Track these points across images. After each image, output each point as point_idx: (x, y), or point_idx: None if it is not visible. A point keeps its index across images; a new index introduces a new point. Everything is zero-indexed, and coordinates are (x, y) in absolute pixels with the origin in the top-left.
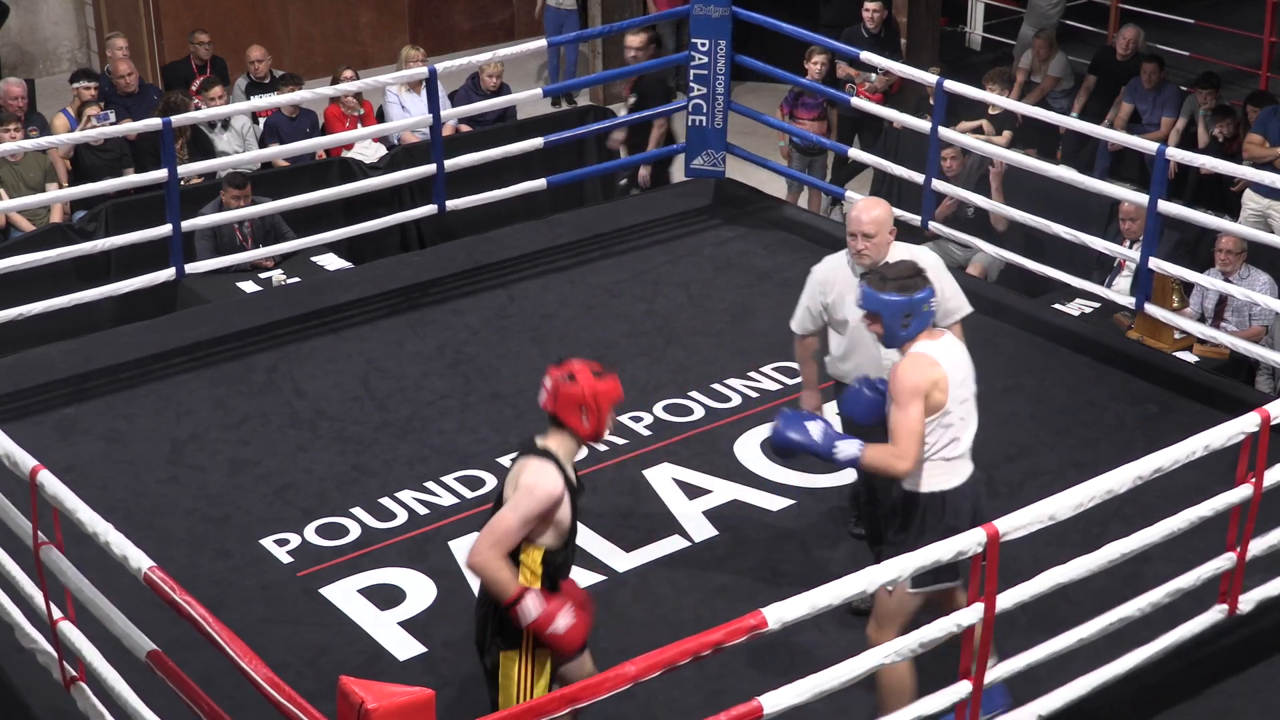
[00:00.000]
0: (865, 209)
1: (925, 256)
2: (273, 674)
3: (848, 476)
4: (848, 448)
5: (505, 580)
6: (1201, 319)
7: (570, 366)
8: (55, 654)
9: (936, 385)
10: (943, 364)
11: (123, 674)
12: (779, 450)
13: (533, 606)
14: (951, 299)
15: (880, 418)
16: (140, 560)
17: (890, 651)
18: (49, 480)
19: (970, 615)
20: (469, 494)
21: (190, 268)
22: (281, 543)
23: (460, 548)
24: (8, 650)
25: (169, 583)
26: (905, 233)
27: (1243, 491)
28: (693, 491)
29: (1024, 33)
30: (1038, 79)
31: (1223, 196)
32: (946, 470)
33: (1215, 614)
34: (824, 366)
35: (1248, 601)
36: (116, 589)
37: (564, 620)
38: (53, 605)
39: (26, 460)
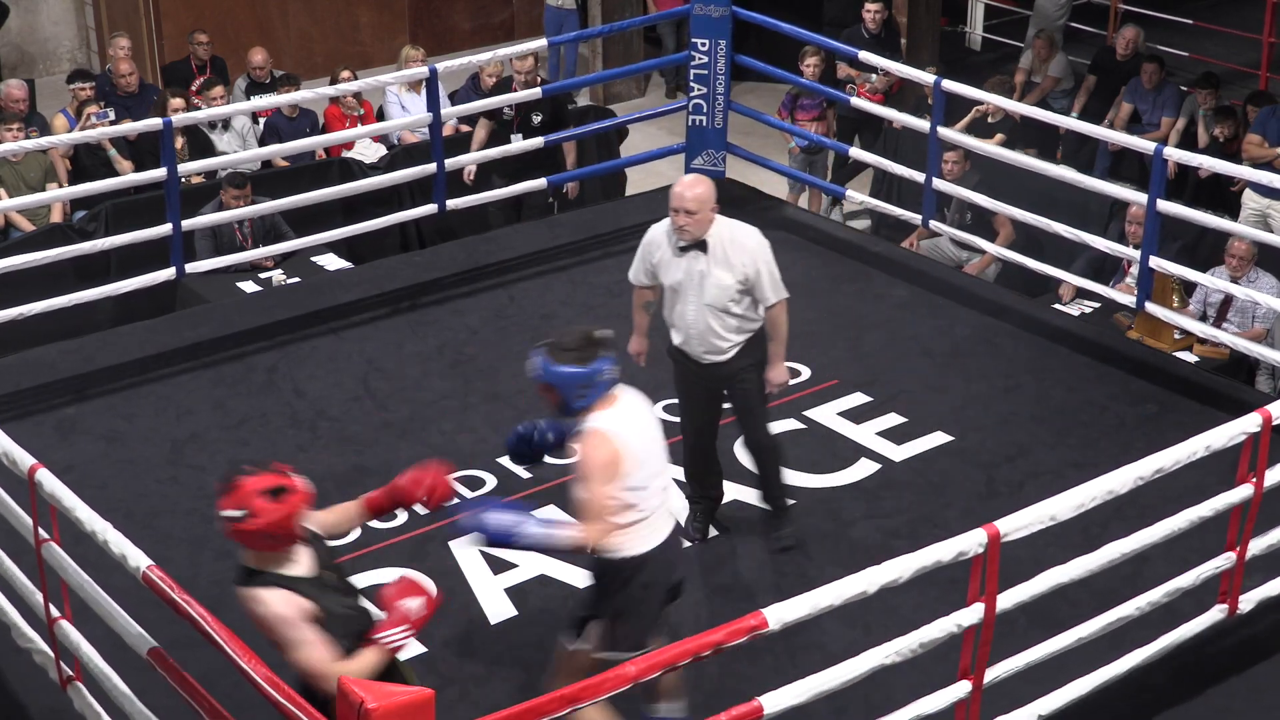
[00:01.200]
0: (689, 185)
1: (750, 237)
2: (272, 673)
3: (849, 476)
4: (534, 529)
5: (373, 663)
6: (1203, 319)
7: (240, 495)
8: (52, 654)
9: (618, 458)
10: (622, 435)
11: (120, 673)
12: (488, 536)
13: (396, 636)
14: (767, 287)
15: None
16: (139, 559)
17: (891, 652)
18: (47, 479)
19: (971, 615)
20: (469, 494)
21: (190, 267)
22: None
23: (461, 548)
24: (4, 650)
25: (168, 581)
26: (905, 232)
27: (1243, 491)
28: None
29: (1030, 38)
30: (1038, 79)
31: (1223, 197)
32: (641, 534)
33: (1215, 614)
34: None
35: (1248, 601)
36: (115, 589)
37: (412, 605)
38: (51, 604)
39: (25, 459)
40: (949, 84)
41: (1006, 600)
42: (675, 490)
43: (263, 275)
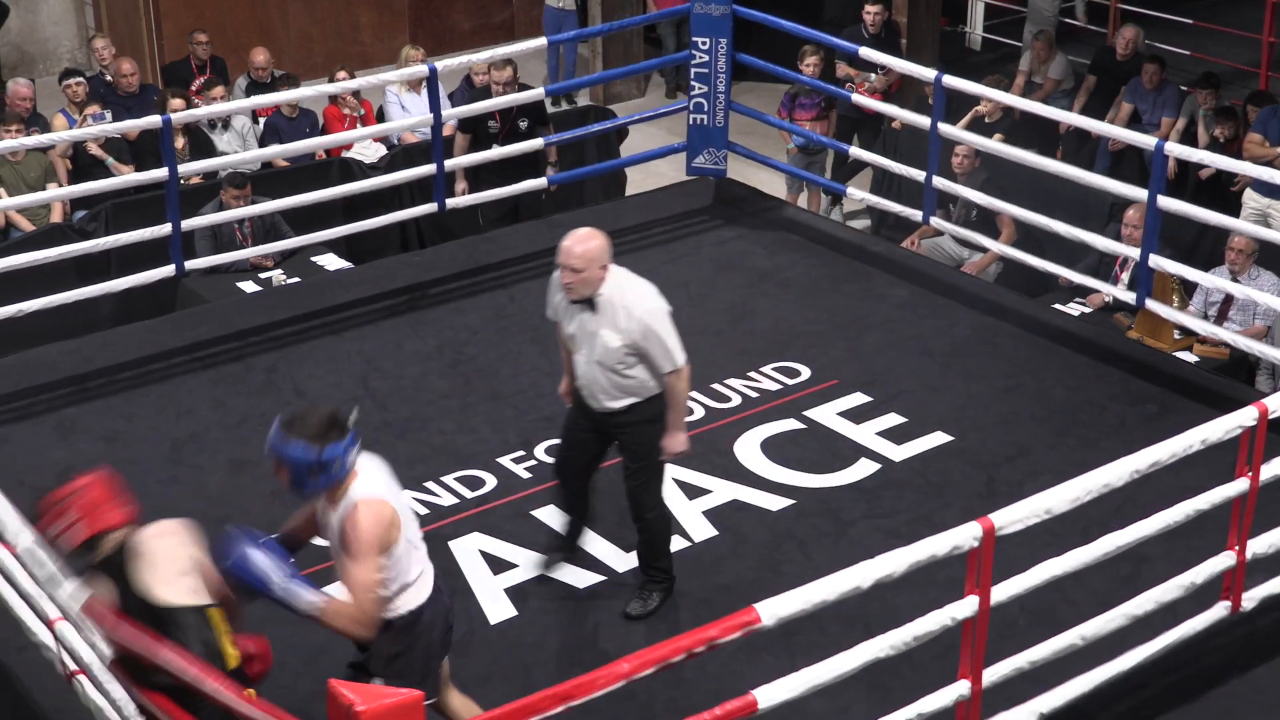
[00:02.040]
0: (578, 240)
1: (640, 303)
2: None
3: (849, 476)
4: (308, 596)
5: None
6: (1204, 317)
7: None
8: (56, 648)
9: (393, 525)
10: (388, 496)
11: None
12: (238, 574)
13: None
14: (658, 356)
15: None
16: (77, 595)
17: (886, 645)
18: None
19: (966, 609)
20: (469, 494)
21: (191, 264)
22: None
23: (460, 548)
24: (9, 645)
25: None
26: (905, 231)
27: (1240, 485)
28: (693, 491)
29: (1028, 36)
30: (1038, 79)
31: (1223, 197)
32: (415, 590)
33: (1219, 611)
34: None
35: (1251, 599)
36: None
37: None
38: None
39: None
40: (950, 79)
41: (1001, 593)
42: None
43: (263, 275)
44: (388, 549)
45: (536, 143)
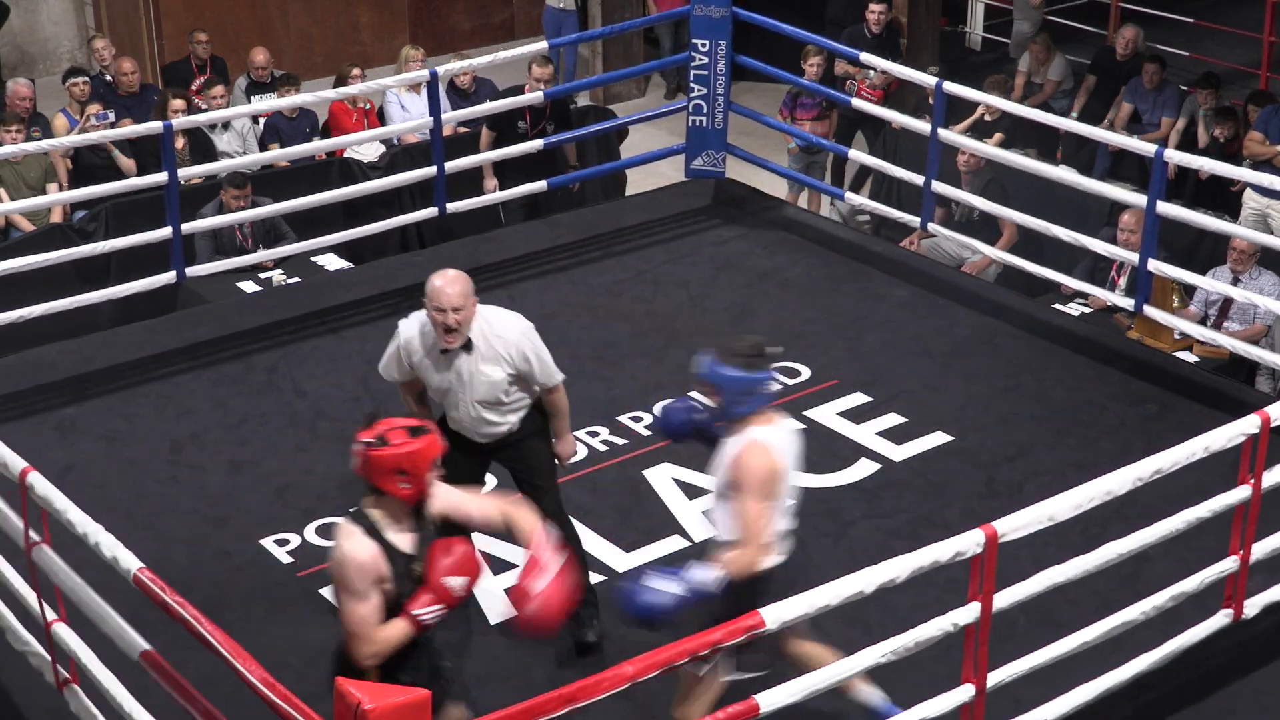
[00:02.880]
0: (451, 280)
1: (511, 326)
2: (267, 674)
3: (849, 476)
4: (705, 574)
5: (400, 635)
6: (1204, 319)
7: (380, 428)
8: (48, 656)
9: (778, 476)
10: (780, 455)
11: (117, 675)
12: (646, 621)
13: (430, 614)
14: (538, 374)
15: (688, 429)
16: (130, 562)
17: (887, 650)
18: (39, 481)
19: (967, 614)
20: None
21: (190, 271)
22: (281, 543)
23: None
24: (1, 653)
25: (159, 583)
26: (906, 231)
27: (1242, 493)
28: (693, 491)
29: (1018, 29)
30: (1038, 80)
31: (1223, 198)
32: (771, 554)
33: (1221, 618)
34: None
35: (1253, 606)
36: (114, 590)
37: (454, 582)
38: (46, 607)
39: (16, 462)
40: (950, 86)
41: (1004, 599)
42: None
43: (263, 275)
44: (770, 496)
45: (536, 143)
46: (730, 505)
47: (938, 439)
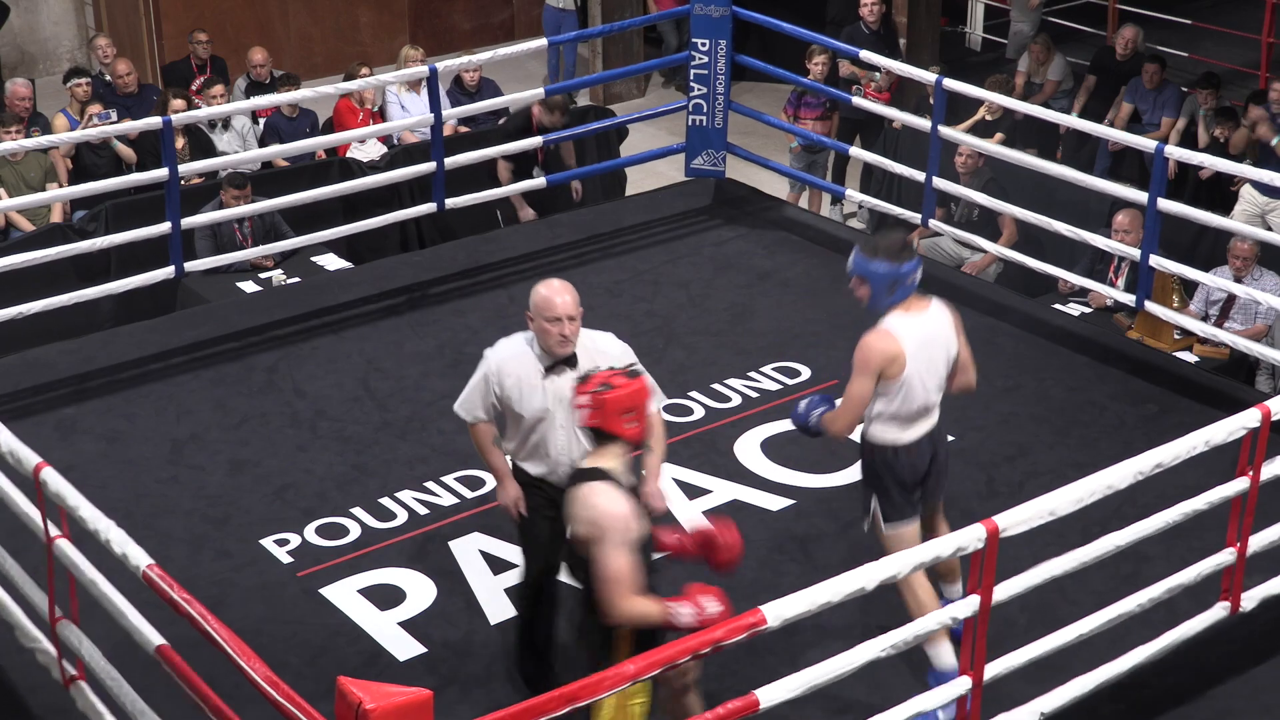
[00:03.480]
0: (564, 288)
1: (613, 343)
2: (271, 673)
3: (849, 476)
4: (822, 412)
5: (654, 615)
6: (1205, 318)
7: (599, 377)
8: (55, 653)
9: (894, 360)
10: (904, 340)
11: (123, 672)
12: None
13: (686, 614)
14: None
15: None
16: (139, 558)
17: (886, 645)
18: (53, 477)
19: (966, 608)
20: (469, 494)
21: (190, 266)
22: (281, 543)
23: (460, 548)
24: (7, 650)
25: (167, 580)
26: (905, 230)
27: (1240, 485)
28: (693, 491)
29: (1015, 29)
30: (1038, 80)
31: (1223, 196)
32: (898, 428)
33: (1218, 611)
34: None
35: (1250, 599)
36: (116, 588)
37: (712, 606)
38: (55, 603)
39: (30, 457)
40: (950, 83)
41: (1002, 593)
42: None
43: (263, 275)
44: (886, 377)
45: (535, 141)
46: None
47: None
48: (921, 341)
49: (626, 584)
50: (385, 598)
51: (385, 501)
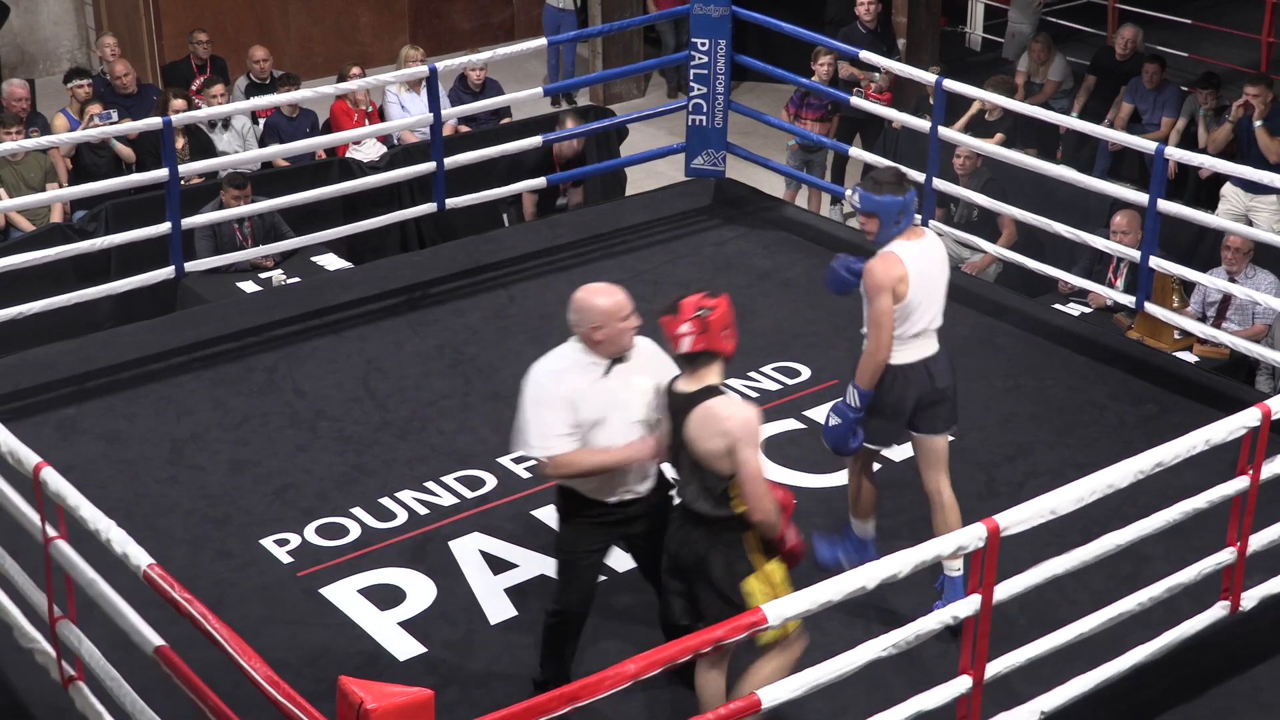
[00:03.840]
0: (613, 289)
1: (649, 343)
2: (272, 672)
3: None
4: (853, 396)
5: (780, 517)
6: (1203, 318)
7: (691, 301)
8: (54, 653)
9: (901, 280)
10: (907, 262)
11: (122, 672)
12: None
13: (791, 531)
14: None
15: (840, 289)
16: (140, 557)
17: (887, 645)
18: (52, 477)
19: (967, 608)
20: (469, 494)
21: (190, 266)
22: (281, 543)
23: (460, 548)
24: (6, 649)
25: (168, 580)
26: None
27: (1240, 484)
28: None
29: (1013, 27)
30: (1038, 81)
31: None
32: (902, 348)
33: (1218, 610)
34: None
35: (1250, 599)
36: (117, 588)
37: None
38: (54, 603)
39: (30, 457)
40: (950, 83)
41: (1003, 592)
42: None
43: (263, 275)
44: (894, 298)
45: (535, 141)
46: (865, 310)
47: None
48: (922, 265)
49: (766, 487)
50: (385, 598)
51: (385, 501)
